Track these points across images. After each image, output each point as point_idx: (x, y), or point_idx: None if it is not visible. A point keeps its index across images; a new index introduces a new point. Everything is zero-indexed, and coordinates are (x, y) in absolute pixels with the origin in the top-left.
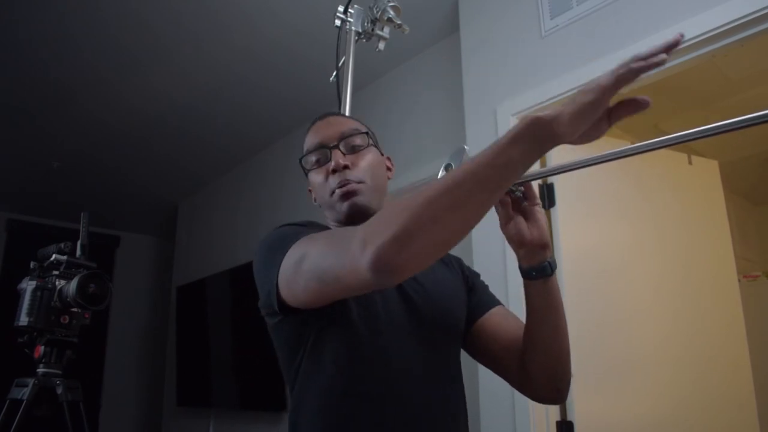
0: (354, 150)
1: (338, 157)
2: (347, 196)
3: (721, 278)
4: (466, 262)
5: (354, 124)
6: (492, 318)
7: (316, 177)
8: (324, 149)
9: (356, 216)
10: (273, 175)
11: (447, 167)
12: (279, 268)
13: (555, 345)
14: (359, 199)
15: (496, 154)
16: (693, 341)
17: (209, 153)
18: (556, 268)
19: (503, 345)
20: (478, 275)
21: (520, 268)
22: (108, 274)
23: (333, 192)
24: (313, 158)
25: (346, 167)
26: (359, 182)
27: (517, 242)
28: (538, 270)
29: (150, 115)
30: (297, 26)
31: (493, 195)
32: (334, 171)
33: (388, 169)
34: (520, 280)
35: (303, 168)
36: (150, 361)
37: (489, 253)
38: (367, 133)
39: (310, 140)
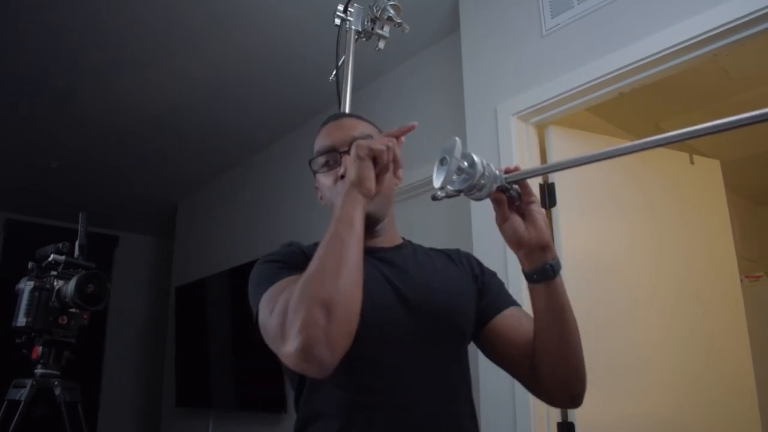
0: None
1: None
2: None
3: (723, 278)
4: None
5: (367, 129)
6: (505, 319)
7: (325, 180)
8: (334, 153)
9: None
10: (273, 175)
11: (442, 161)
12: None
13: (563, 350)
14: (366, 209)
15: (340, 217)
16: (694, 341)
17: (209, 153)
18: (559, 269)
19: (516, 347)
20: (494, 274)
21: (522, 270)
22: (106, 275)
23: None
24: (322, 160)
25: None
26: None
27: (515, 243)
28: (540, 272)
29: (149, 114)
30: (297, 26)
31: (358, 243)
32: (343, 176)
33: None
34: (521, 281)
35: (312, 169)
36: (149, 362)
37: (489, 253)
38: None
39: (321, 142)
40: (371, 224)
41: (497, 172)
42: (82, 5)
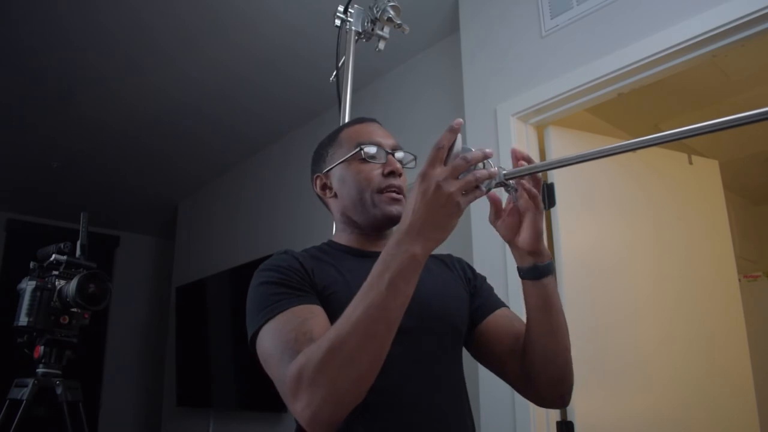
0: (401, 164)
1: (398, 164)
2: (396, 202)
3: (722, 278)
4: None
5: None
6: (495, 320)
7: (365, 167)
8: (384, 150)
9: (392, 223)
10: (273, 175)
11: None
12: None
13: (551, 348)
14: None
15: (396, 285)
16: (693, 341)
17: (209, 153)
18: (552, 269)
19: (505, 347)
20: (484, 278)
21: (517, 267)
22: (107, 275)
23: (381, 190)
24: (371, 150)
25: (401, 175)
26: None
27: (507, 239)
28: (531, 270)
29: (150, 115)
30: (297, 26)
31: (396, 325)
32: (392, 173)
33: None
34: (520, 279)
35: (358, 153)
36: (149, 361)
37: (489, 253)
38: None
39: (369, 136)
40: (393, 225)
41: (496, 169)
42: (82, 5)
